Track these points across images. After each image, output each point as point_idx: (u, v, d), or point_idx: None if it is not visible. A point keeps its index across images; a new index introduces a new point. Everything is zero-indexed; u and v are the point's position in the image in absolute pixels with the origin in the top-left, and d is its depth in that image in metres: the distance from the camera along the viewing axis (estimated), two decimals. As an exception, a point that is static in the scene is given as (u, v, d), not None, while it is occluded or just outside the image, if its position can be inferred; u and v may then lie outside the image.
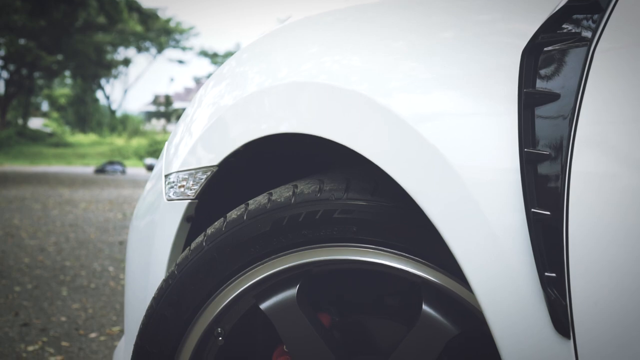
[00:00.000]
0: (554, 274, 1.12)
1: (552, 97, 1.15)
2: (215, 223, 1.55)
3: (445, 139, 1.24)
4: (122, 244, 8.64)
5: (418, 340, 1.38)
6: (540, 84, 1.16)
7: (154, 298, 1.57)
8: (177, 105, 75.23)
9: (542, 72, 1.16)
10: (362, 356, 1.55)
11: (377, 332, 1.60)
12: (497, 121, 1.21)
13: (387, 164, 1.31)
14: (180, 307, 1.53)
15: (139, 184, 23.31)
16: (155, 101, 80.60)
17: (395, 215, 1.37)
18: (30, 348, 4.06)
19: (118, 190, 19.78)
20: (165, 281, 1.56)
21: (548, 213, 1.12)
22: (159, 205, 1.86)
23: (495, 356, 1.21)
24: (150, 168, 34.86)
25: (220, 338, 1.55)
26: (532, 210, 1.13)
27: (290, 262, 1.45)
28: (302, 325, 1.46)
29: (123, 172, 34.56)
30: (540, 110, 1.16)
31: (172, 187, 1.81)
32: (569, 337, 1.11)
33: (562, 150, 1.12)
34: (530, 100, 1.16)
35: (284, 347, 1.54)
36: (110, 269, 6.91)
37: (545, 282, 1.12)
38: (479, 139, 1.22)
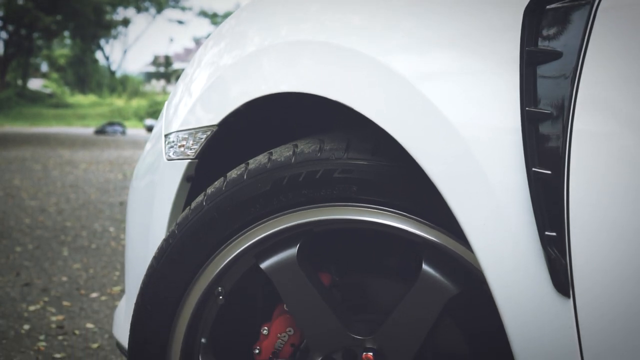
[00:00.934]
0: (554, 233, 1.11)
1: (554, 55, 1.14)
2: (216, 182, 1.54)
3: (447, 98, 1.24)
4: (123, 204, 8.65)
5: (418, 299, 1.38)
6: (542, 43, 1.15)
7: (154, 257, 1.57)
8: (176, 65, 74.97)
9: (544, 30, 1.15)
10: (362, 315, 1.55)
11: (377, 291, 1.60)
12: (498, 80, 1.20)
13: (388, 123, 1.31)
14: (181, 266, 1.53)
15: (139, 144, 23.30)
16: (155, 62, 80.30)
17: (396, 174, 1.36)
18: (32, 308, 4.08)
19: (118, 151, 19.78)
20: (165, 240, 1.56)
21: (549, 172, 1.12)
22: (159, 165, 1.85)
23: (495, 315, 1.21)
24: (150, 129, 34.80)
25: (220, 297, 1.55)
26: (533, 169, 1.13)
27: (291, 222, 1.45)
28: (302, 284, 1.46)
29: (123, 133, 34.53)
30: (542, 69, 1.15)
31: (172, 147, 1.80)
32: (568, 296, 1.11)
33: (563, 109, 1.12)
34: (532, 59, 1.15)
35: (284, 306, 1.54)
36: (111, 229, 6.93)
37: (545, 241, 1.12)
38: (480, 98, 1.21)
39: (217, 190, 1.51)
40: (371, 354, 1.43)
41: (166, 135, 1.84)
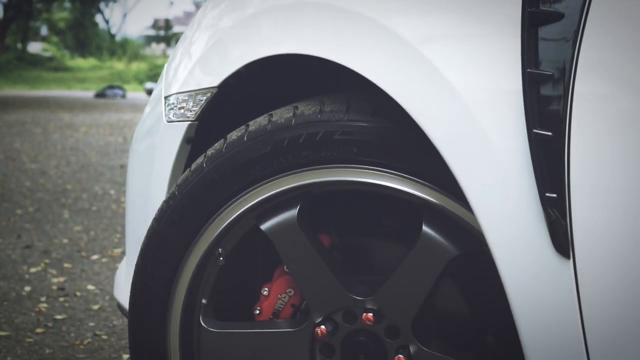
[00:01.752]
0: (554, 195, 1.12)
1: (555, 17, 1.13)
2: (216, 144, 1.54)
3: (448, 61, 1.23)
4: (123, 167, 8.65)
5: (418, 260, 1.39)
6: (543, 5, 1.15)
7: (154, 219, 1.58)
8: (176, 29, 74.52)
9: (547, -9, 1.15)
10: (362, 276, 1.56)
11: (377, 253, 1.61)
12: (500, 42, 1.19)
13: (390, 85, 1.30)
14: (181, 228, 1.53)
15: (139, 108, 23.25)
16: (155, 25, 79.90)
17: (396, 136, 1.36)
18: (33, 270, 4.10)
19: (118, 114, 19.75)
20: (165, 202, 1.56)
21: (550, 134, 1.12)
22: (159, 127, 1.85)
23: (495, 277, 1.21)
24: (150, 92, 34.63)
25: (221, 258, 1.56)
26: (534, 131, 1.13)
27: (291, 183, 1.45)
28: (302, 245, 1.46)
29: (123, 96, 34.40)
30: (543, 31, 1.14)
31: (172, 109, 1.80)
32: (568, 257, 1.12)
33: (564, 71, 1.11)
34: (533, 20, 1.14)
35: (284, 267, 1.54)
36: (112, 192, 6.94)
37: (545, 203, 1.12)
38: (482, 61, 1.20)
39: (217, 151, 1.51)
40: (371, 315, 1.44)
41: (166, 98, 1.83)
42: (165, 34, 73.76)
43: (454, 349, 1.45)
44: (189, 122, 1.73)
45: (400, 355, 1.43)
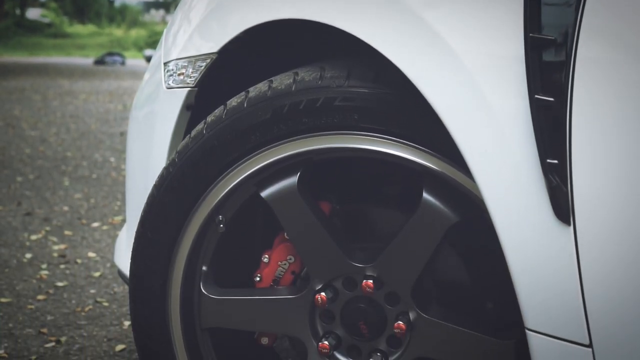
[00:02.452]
0: (555, 161, 1.11)
1: (558, -19, 1.12)
2: (216, 111, 1.54)
3: (450, 26, 1.22)
4: (123, 135, 8.64)
5: (418, 227, 1.39)
6: (546, -31, 1.13)
7: (155, 186, 1.57)
8: (176, -5, 74.13)
9: (549, -45, 1.13)
10: (363, 243, 1.56)
11: (377, 220, 1.61)
12: (502, 7, 1.18)
13: (391, 51, 1.29)
14: (181, 195, 1.53)
15: (138, 75, 23.18)
16: (154, -9, 79.36)
17: (397, 103, 1.35)
18: (34, 237, 4.11)
19: (118, 81, 19.70)
20: (165, 169, 1.56)
21: (552, 99, 1.11)
22: (158, 94, 1.84)
23: (495, 243, 1.21)
24: (149, 59, 34.42)
25: (221, 225, 1.56)
26: (536, 96, 1.12)
27: (291, 150, 1.45)
28: (303, 212, 1.46)
29: (122, 63, 34.32)
30: (546, -5, 1.13)
31: (171, 75, 1.79)
32: (569, 224, 1.12)
33: (567, 36, 1.10)
34: (536, -15, 1.13)
35: (285, 234, 1.54)
36: (112, 159, 6.94)
37: (546, 169, 1.12)
38: (483, 26, 1.19)
39: (217, 118, 1.50)
40: (371, 281, 1.44)
41: (165, 64, 1.82)
42: (165, -1, 73.38)
43: (454, 315, 1.45)
44: (189, 89, 1.72)
45: (400, 322, 1.43)
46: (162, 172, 1.57)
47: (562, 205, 1.11)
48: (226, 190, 1.51)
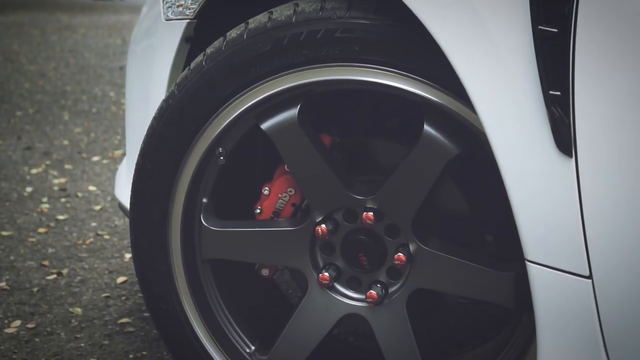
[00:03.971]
0: (558, 92, 1.10)
1: None
2: (215, 42, 1.52)
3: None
4: (123, 69, 8.58)
5: (419, 159, 1.38)
6: None
7: (154, 118, 1.56)
8: None
9: None
10: (363, 176, 1.56)
11: (378, 153, 1.60)
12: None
13: (391, -20, 1.28)
14: (181, 127, 1.52)
15: (137, 9, 22.93)
16: None
17: (399, 34, 1.34)
18: (34, 171, 4.11)
19: (117, 16, 19.51)
20: (165, 101, 1.55)
21: (555, 30, 1.09)
22: (157, 27, 1.83)
23: (496, 176, 1.21)
24: (149, -7, 34.12)
25: (221, 158, 1.55)
26: (539, 27, 1.11)
27: (291, 82, 1.44)
28: (303, 144, 1.46)
29: (121, -3, 33.93)
30: None
31: (170, 7, 1.77)
32: (570, 156, 1.11)
33: (571, -34, 1.09)
34: None
35: (285, 166, 1.54)
36: (111, 93, 6.91)
37: (549, 100, 1.11)
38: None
39: (216, 50, 1.49)
40: (371, 213, 1.44)
41: (164, -5, 1.80)
42: None
43: (453, 248, 1.46)
44: (188, 20, 1.70)
45: (400, 254, 1.44)
46: (161, 105, 1.56)
47: (564, 137, 1.11)
48: (226, 122, 1.50)
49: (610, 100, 1.08)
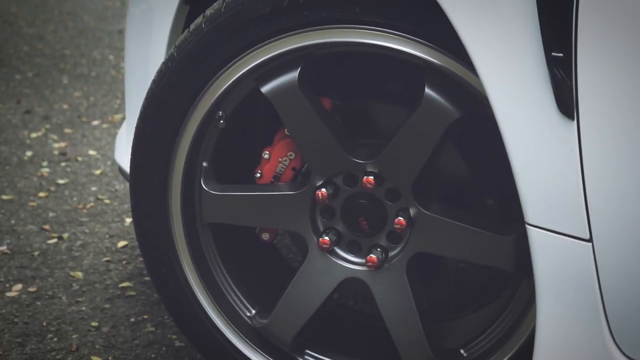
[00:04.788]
0: (560, 54, 1.09)
1: None
2: (215, 4, 1.50)
3: None
4: (122, 32, 8.53)
5: (420, 123, 1.38)
6: None
7: (154, 81, 1.55)
8: None
9: None
10: (364, 140, 1.55)
11: (379, 116, 1.59)
12: None
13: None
14: (180, 90, 1.51)
15: (136, -28, 22.79)
16: None
17: (400, -4, 1.33)
18: (34, 135, 4.10)
19: (116, -22, 19.39)
20: (164, 64, 1.54)
21: (558, -10, 1.08)
22: (156, -12, 1.81)
23: (497, 139, 1.20)
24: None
25: (221, 121, 1.54)
26: (542, -13, 1.10)
27: (292, 45, 1.42)
28: (303, 107, 1.45)
29: (120, -41, 33.73)
30: None
31: (169, -32, 1.76)
32: (572, 118, 1.11)
33: None
34: None
35: (285, 130, 1.53)
36: (111, 57, 6.87)
37: (551, 62, 1.10)
38: None
39: (216, 11, 1.48)
40: (372, 177, 1.44)
41: (163, -44, 1.79)
42: None
43: (454, 212, 1.46)
44: (187, -18, 1.69)
45: (401, 218, 1.44)
46: (160, 67, 1.55)
47: (566, 100, 1.10)
48: (226, 85, 1.49)
49: (613, 62, 1.07)
